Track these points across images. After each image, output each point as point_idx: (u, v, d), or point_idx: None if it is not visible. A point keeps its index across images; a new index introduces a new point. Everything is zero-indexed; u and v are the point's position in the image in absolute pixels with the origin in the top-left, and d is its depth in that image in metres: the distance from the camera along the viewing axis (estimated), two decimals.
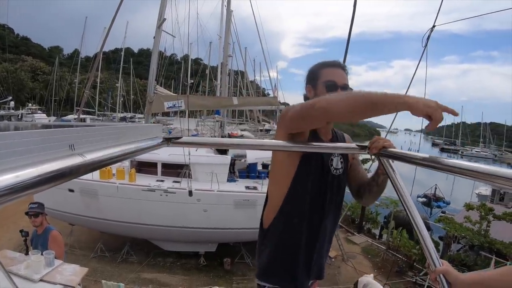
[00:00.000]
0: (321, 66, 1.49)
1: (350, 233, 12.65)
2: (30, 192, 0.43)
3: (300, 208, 1.43)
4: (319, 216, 1.43)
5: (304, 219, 1.42)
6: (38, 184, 0.45)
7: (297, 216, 1.43)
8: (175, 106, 8.37)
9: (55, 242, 3.85)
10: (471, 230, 10.55)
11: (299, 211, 1.43)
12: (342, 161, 1.50)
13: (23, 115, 30.25)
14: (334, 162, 1.47)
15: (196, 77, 34.44)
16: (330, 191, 1.44)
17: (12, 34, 69.77)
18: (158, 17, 8.63)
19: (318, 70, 1.49)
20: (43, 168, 0.47)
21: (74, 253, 8.36)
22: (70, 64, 48.42)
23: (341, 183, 1.50)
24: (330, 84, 1.42)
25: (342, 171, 1.49)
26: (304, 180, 1.41)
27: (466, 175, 0.75)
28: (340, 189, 1.51)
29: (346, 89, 1.42)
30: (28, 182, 0.43)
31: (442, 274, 1.06)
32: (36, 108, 37.49)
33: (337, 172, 1.47)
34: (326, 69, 1.47)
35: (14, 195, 0.40)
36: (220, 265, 9.01)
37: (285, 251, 1.47)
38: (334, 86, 1.41)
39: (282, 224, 1.46)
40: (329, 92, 1.38)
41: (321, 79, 1.45)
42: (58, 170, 0.49)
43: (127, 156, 0.76)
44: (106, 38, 9.00)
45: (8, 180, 0.40)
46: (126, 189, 8.14)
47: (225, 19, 15.31)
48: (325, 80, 1.44)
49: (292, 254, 1.45)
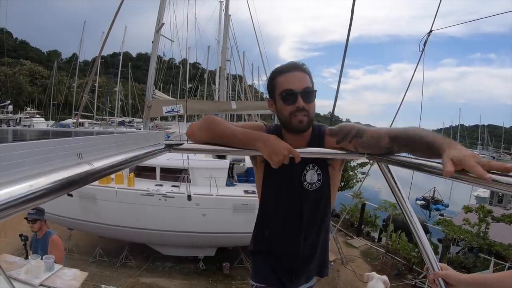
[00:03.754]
0: (276, 74, 1.31)
1: (349, 237, 12.63)
2: (43, 200, 0.45)
3: (274, 218, 1.46)
4: (296, 228, 1.42)
5: (279, 228, 1.45)
6: (51, 193, 0.46)
7: (271, 225, 1.47)
8: (173, 111, 8.38)
9: (55, 246, 3.85)
10: (470, 232, 10.55)
11: (272, 221, 1.46)
12: (320, 173, 1.38)
13: (21, 119, 30.14)
14: (307, 177, 1.37)
15: (194, 82, 34.52)
16: (305, 205, 1.38)
17: (10, 38, 69.74)
18: (157, 21, 8.66)
19: (273, 80, 1.31)
20: (54, 177, 0.49)
21: (73, 258, 8.32)
22: (68, 68, 48.32)
23: (320, 197, 1.40)
24: (287, 94, 1.25)
25: (320, 183, 1.38)
26: (271, 192, 1.42)
27: (463, 180, 0.77)
28: (320, 202, 1.41)
29: (308, 93, 1.25)
30: (41, 191, 0.44)
31: (442, 278, 1.07)
32: (35, 112, 37.39)
33: (312, 187, 1.37)
34: (280, 77, 1.29)
35: (29, 204, 0.42)
36: (219, 270, 8.97)
37: (267, 256, 1.50)
38: (292, 95, 1.24)
39: (261, 231, 1.51)
40: (287, 104, 1.26)
41: (277, 90, 1.29)
42: (68, 179, 0.51)
43: (132, 163, 0.78)
44: (105, 43, 9.03)
45: (22, 189, 0.42)
46: (125, 194, 8.13)
47: (223, 24, 15.39)
48: (280, 90, 1.27)
49: (273, 261, 1.49)
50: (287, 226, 1.43)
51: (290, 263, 1.47)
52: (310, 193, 1.37)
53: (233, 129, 1.19)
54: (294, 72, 1.28)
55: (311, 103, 1.27)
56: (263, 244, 1.51)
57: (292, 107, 1.25)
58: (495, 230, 10.94)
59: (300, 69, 1.29)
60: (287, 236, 1.44)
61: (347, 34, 4.08)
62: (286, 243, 1.45)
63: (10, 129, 2.46)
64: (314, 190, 1.37)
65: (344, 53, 4.32)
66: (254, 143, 1.13)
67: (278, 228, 1.45)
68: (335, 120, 3.92)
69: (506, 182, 0.66)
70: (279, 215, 1.44)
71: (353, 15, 3.89)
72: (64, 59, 79.95)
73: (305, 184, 1.37)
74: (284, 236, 1.45)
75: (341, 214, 12.84)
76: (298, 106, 1.23)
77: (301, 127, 1.27)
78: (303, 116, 1.24)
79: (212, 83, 24.62)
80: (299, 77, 1.27)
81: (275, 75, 1.30)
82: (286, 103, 1.26)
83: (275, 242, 1.47)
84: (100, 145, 0.68)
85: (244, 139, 1.15)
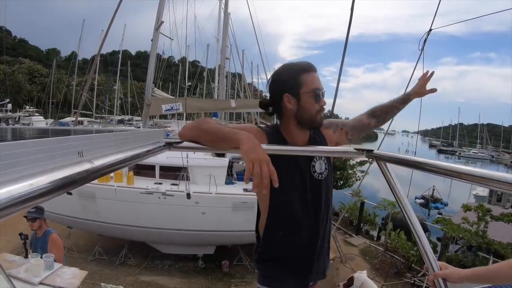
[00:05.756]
0: (300, 71, 1.35)
1: (348, 235, 12.65)
2: (44, 199, 0.45)
3: (289, 214, 1.41)
4: (311, 221, 1.41)
5: (295, 226, 1.41)
6: (51, 191, 0.46)
7: (285, 225, 1.42)
8: (172, 109, 8.36)
9: (54, 245, 3.85)
10: (469, 231, 10.56)
11: (286, 219, 1.42)
12: (326, 162, 1.45)
13: (20, 118, 30.09)
14: (316, 167, 1.42)
15: (193, 80, 34.45)
16: (319, 195, 1.41)
17: (9, 36, 69.58)
18: (156, 19, 8.63)
19: (298, 76, 1.34)
20: (55, 175, 0.48)
21: (72, 256, 8.32)
22: (67, 66, 48.23)
23: (328, 186, 1.46)
24: (318, 93, 1.34)
25: (327, 173, 1.45)
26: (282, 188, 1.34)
27: (462, 178, 0.77)
28: (328, 192, 1.46)
29: (324, 93, 1.37)
30: (41, 189, 0.44)
31: (442, 278, 1.07)
32: (34, 111, 37.30)
33: (320, 176, 1.42)
34: (306, 75, 1.34)
35: (29, 202, 0.42)
36: (219, 268, 8.99)
37: (281, 259, 1.45)
38: (321, 94, 1.35)
39: (273, 234, 1.44)
40: (317, 102, 1.35)
41: (304, 87, 1.33)
42: (69, 177, 0.51)
43: (133, 161, 0.78)
44: (104, 41, 9.02)
45: (22, 188, 0.42)
46: (124, 192, 8.13)
47: (223, 22, 15.35)
48: (312, 88, 1.33)
49: (288, 263, 1.45)
50: (304, 224, 1.41)
51: (308, 258, 1.44)
52: (321, 182, 1.42)
53: (218, 127, 1.16)
54: (315, 72, 1.37)
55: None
56: (278, 249, 1.45)
57: (318, 105, 1.36)
58: (494, 228, 10.95)
59: (316, 70, 1.38)
60: (306, 229, 1.41)
61: (346, 32, 4.08)
62: (305, 237, 1.41)
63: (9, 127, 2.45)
64: (324, 179, 1.43)
65: (344, 52, 4.33)
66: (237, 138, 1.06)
67: (295, 223, 1.41)
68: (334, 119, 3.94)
69: (504, 180, 0.66)
70: (294, 209, 1.40)
71: (353, 13, 3.90)
72: (63, 57, 79.82)
73: (315, 174, 1.42)
74: (303, 229, 1.41)
75: (340, 212, 12.87)
76: (323, 105, 1.37)
77: (322, 123, 1.41)
78: (323, 114, 1.39)
79: (212, 81, 24.58)
80: (318, 78, 1.38)
81: (299, 72, 1.35)
82: (316, 101, 1.35)
83: (292, 239, 1.42)
84: (100, 144, 0.68)
85: (228, 135, 1.11)
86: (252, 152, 0.99)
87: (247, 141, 1.03)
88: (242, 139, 1.04)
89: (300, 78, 1.34)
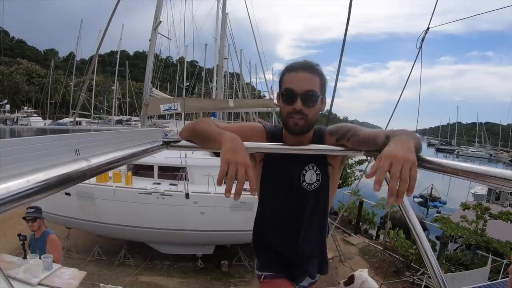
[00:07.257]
0: (285, 70, 1.27)
1: (347, 234, 12.67)
2: (41, 196, 0.45)
3: (272, 217, 1.45)
4: (293, 226, 1.41)
5: (276, 225, 1.45)
6: (48, 188, 0.46)
7: (270, 223, 1.47)
8: (171, 109, 8.37)
9: (53, 246, 3.84)
10: (468, 230, 10.60)
11: (271, 220, 1.46)
12: (319, 173, 1.35)
13: (18, 119, 30.02)
14: (306, 177, 1.34)
15: (192, 80, 34.37)
16: (304, 205, 1.37)
17: (7, 36, 69.38)
18: (154, 19, 8.63)
19: (282, 75, 1.28)
20: (52, 173, 0.48)
21: (71, 257, 8.31)
22: (65, 67, 48.08)
23: (319, 197, 1.38)
24: (287, 93, 1.22)
25: (319, 184, 1.35)
26: (270, 191, 1.41)
27: (459, 175, 0.77)
28: (319, 203, 1.39)
29: (309, 96, 1.21)
30: (38, 186, 0.44)
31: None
32: (32, 111, 37.15)
33: (311, 187, 1.34)
34: (287, 74, 1.25)
35: (26, 199, 0.42)
36: (218, 268, 8.99)
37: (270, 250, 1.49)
38: (291, 95, 1.21)
39: (261, 228, 1.51)
40: (286, 103, 1.23)
41: (281, 87, 1.26)
42: (65, 175, 0.51)
43: (130, 160, 0.78)
44: (102, 41, 8.98)
45: (19, 185, 0.42)
46: (123, 192, 8.11)
47: (221, 21, 15.36)
48: (283, 88, 1.25)
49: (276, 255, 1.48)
50: (285, 226, 1.42)
51: (290, 263, 1.46)
52: (309, 193, 1.35)
53: (207, 128, 1.14)
54: (301, 72, 1.23)
55: (312, 108, 1.23)
56: (264, 241, 1.50)
57: (290, 108, 1.22)
58: (492, 227, 11.00)
59: (309, 70, 1.24)
60: (286, 236, 1.43)
61: (344, 31, 4.07)
62: (285, 243, 1.44)
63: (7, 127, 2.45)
64: (313, 191, 1.35)
65: (342, 51, 4.32)
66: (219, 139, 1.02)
67: (277, 227, 1.44)
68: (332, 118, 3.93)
69: (501, 176, 0.67)
70: (277, 215, 1.43)
71: (351, 12, 3.89)
72: (61, 58, 79.48)
73: (304, 184, 1.34)
74: (283, 236, 1.44)
75: (339, 211, 12.87)
76: (295, 108, 1.20)
77: (296, 130, 1.25)
78: (299, 119, 1.22)
79: (210, 81, 24.54)
80: (304, 78, 1.22)
81: (284, 71, 1.27)
82: (285, 102, 1.24)
83: (274, 241, 1.47)
84: (97, 142, 0.68)
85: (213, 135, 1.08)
86: (230, 153, 0.93)
87: (228, 142, 0.97)
88: (224, 139, 0.99)
89: (283, 77, 1.27)
